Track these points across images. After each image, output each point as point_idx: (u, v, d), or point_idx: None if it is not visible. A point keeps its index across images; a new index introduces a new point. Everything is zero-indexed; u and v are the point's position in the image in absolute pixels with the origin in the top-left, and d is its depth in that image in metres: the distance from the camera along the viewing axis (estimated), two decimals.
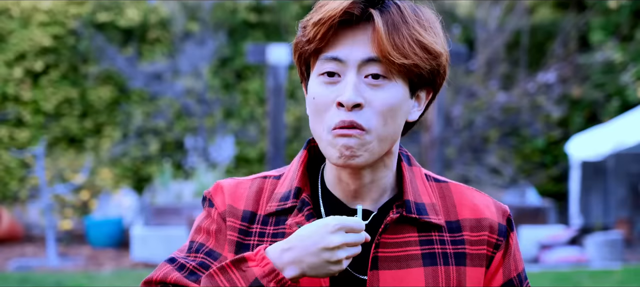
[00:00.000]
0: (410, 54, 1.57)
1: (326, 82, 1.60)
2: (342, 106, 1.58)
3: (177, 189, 12.60)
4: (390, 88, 1.59)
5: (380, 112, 1.58)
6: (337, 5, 1.58)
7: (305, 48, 1.62)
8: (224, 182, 1.72)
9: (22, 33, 13.97)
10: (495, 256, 1.70)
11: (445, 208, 1.69)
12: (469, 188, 1.73)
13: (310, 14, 1.63)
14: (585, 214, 13.85)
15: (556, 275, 9.98)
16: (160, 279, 1.66)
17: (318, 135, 1.63)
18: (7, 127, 13.97)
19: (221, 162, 13.17)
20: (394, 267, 1.62)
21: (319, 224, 1.55)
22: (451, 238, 1.66)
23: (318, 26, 1.59)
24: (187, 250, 1.70)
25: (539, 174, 14.43)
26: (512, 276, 1.72)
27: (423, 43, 1.58)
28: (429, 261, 1.64)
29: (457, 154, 13.26)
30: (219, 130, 13.77)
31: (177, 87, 13.66)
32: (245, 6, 14.60)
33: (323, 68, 1.61)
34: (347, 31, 1.59)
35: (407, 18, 1.59)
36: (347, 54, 1.59)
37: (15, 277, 9.80)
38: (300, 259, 1.54)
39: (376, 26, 1.57)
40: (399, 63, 1.57)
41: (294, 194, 1.67)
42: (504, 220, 1.72)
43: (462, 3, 14.76)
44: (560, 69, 14.23)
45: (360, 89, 1.58)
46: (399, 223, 1.64)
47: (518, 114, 13.91)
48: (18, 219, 13.61)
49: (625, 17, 14.70)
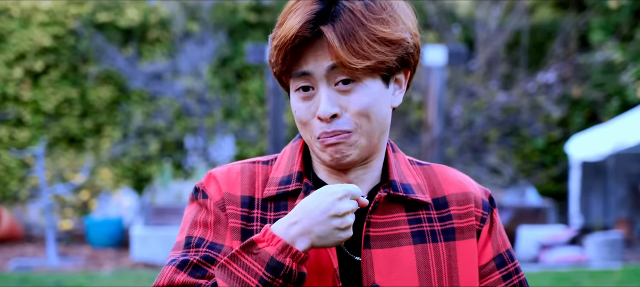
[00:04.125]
0: (371, 54, 1.59)
1: (302, 97, 1.64)
2: (322, 119, 1.62)
3: (177, 189, 12.60)
4: (361, 89, 1.61)
5: (358, 113, 1.62)
6: (288, 28, 1.60)
7: (275, 69, 1.66)
8: (216, 171, 1.72)
9: (22, 33, 13.97)
10: (482, 230, 1.73)
11: (430, 187, 1.73)
12: (452, 168, 1.79)
13: (275, 28, 1.66)
14: (585, 214, 13.85)
15: (556, 275, 9.98)
16: (167, 283, 1.63)
17: (308, 142, 1.68)
18: (7, 127, 13.97)
19: (221, 162, 13.17)
20: (386, 246, 1.65)
21: (325, 192, 1.57)
22: (438, 215, 1.70)
23: (277, 50, 1.62)
24: (185, 246, 1.67)
25: (539, 174, 14.43)
26: (502, 251, 1.75)
27: (383, 37, 1.60)
28: (418, 239, 1.67)
29: (457, 154, 13.26)
30: (219, 130, 13.77)
31: (177, 87, 13.66)
32: (245, 6, 14.60)
33: (297, 84, 1.64)
34: (307, 47, 1.61)
35: (361, 19, 1.59)
36: (312, 68, 1.62)
37: (15, 277, 9.80)
38: (309, 230, 1.55)
39: (329, 41, 1.58)
40: (362, 67, 1.58)
41: (296, 178, 1.69)
42: (487, 197, 1.77)
43: (462, 3, 14.76)
44: (560, 69, 14.23)
45: (333, 98, 1.61)
46: (388, 203, 1.68)
47: (518, 114, 13.91)
48: (18, 219, 13.61)
49: (625, 17, 14.70)
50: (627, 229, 13.47)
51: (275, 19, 1.69)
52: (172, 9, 14.19)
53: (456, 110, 13.13)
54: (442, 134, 11.35)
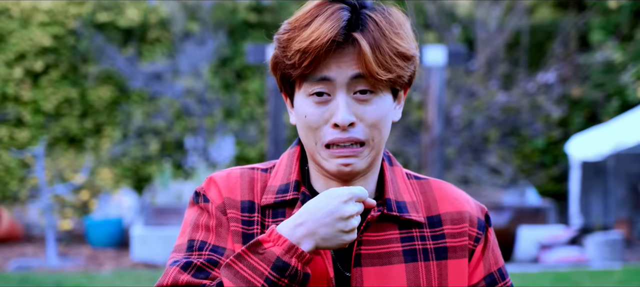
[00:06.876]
0: (393, 68, 1.62)
1: (316, 102, 1.64)
2: (338, 126, 1.63)
3: (177, 189, 12.59)
4: (378, 101, 1.64)
5: (373, 124, 1.64)
6: (321, 34, 1.60)
7: (290, 71, 1.64)
8: (216, 176, 1.73)
9: (22, 33, 13.97)
10: (476, 250, 1.74)
11: (426, 203, 1.73)
12: (449, 184, 1.79)
13: (286, 31, 1.64)
14: (585, 214, 13.85)
15: (556, 275, 9.98)
16: (171, 283, 1.64)
17: (311, 148, 1.67)
18: (7, 127, 13.97)
19: (221, 162, 13.17)
20: (376, 264, 1.66)
21: (330, 195, 1.58)
22: (432, 233, 1.71)
23: (303, 55, 1.61)
24: (187, 249, 1.68)
25: (539, 174, 14.43)
26: (493, 270, 1.76)
27: (402, 53, 1.63)
28: (410, 258, 1.68)
29: (457, 154, 13.26)
30: (219, 130, 13.77)
31: (177, 87, 13.66)
32: (245, 6, 14.60)
33: (312, 89, 1.64)
34: (331, 53, 1.62)
35: (384, 31, 1.62)
36: (335, 75, 1.62)
37: (15, 277, 9.80)
38: (314, 231, 1.56)
39: (362, 49, 1.60)
40: (385, 79, 1.61)
41: (294, 187, 1.69)
42: (483, 215, 1.77)
43: (462, 3, 14.76)
44: (560, 69, 14.23)
45: (351, 106, 1.63)
46: (381, 221, 1.68)
47: (518, 114, 13.91)
48: (18, 219, 13.61)
49: (625, 17, 14.70)
50: (627, 229, 13.47)
51: (276, 19, 1.69)
52: (172, 9, 14.19)
53: (456, 110, 13.13)
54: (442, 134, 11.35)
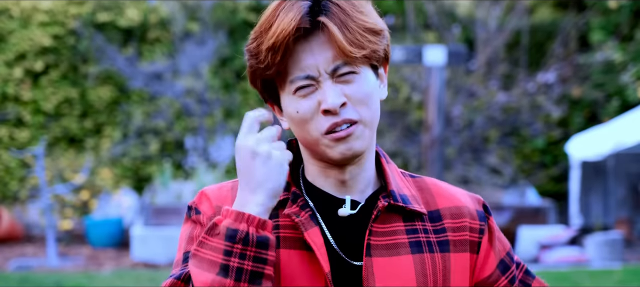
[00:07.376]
0: (365, 44, 1.64)
1: (303, 96, 1.66)
2: (329, 112, 1.64)
3: (177, 189, 12.60)
4: (360, 78, 1.66)
5: (361, 101, 1.66)
6: (285, 24, 1.62)
7: (267, 73, 1.66)
8: (207, 189, 1.74)
9: (22, 33, 13.97)
10: (482, 242, 1.77)
11: (424, 199, 1.76)
12: (442, 181, 1.82)
13: (254, 39, 1.67)
14: (585, 214, 13.85)
15: (556, 275, 9.98)
16: None
17: (310, 140, 1.68)
18: (7, 127, 13.97)
19: (221, 162, 13.17)
20: (385, 255, 1.68)
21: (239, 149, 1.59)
22: (433, 227, 1.73)
23: (273, 51, 1.63)
24: (183, 261, 1.69)
25: (538, 174, 14.43)
26: (503, 256, 1.79)
27: (370, 28, 1.66)
28: (416, 249, 1.70)
29: (457, 154, 13.26)
30: (219, 130, 13.77)
31: (177, 87, 13.66)
32: (245, 6, 14.60)
33: (295, 85, 1.66)
34: (302, 44, 1.64)
35: (348, 12, 1.65)
36: (312, 63, 1.65)
37: (15, 277, 9.80)
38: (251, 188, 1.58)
39: (331, 31, 1.63)
40: (360, 56, 1.64)
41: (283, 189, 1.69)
42: (480, 206, 1.80)
43: (462, 3, 14.76)
44: (560, 69, 14.23)
45: (338, 89, 1.65)
46: (386, 213, 1.71)
47: (518, 114, 13.91)
48: (18, 219, 13.61)
49: (625, 17, 14.70)
50: (627, 229, 13.47)
51: None
52: (172, 9, 14.19)
53: (456, 110, 13.13)
54: (442, 134, 11.35)
